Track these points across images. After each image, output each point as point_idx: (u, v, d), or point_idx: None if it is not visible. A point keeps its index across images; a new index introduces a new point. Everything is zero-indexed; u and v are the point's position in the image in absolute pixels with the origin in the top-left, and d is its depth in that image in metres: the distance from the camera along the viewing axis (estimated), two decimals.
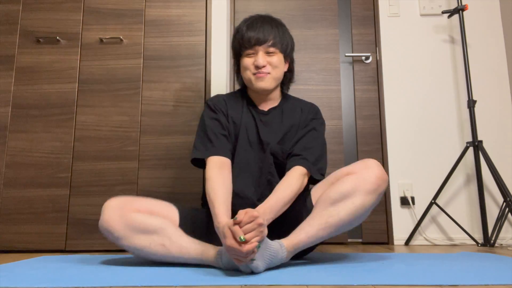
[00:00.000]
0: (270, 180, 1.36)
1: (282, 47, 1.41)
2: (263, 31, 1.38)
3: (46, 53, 2.03)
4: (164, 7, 2.09)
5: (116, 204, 1.23)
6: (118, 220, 1.20)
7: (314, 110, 1.48)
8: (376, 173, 1.21)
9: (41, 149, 1.94)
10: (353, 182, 1.20)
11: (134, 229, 1.19)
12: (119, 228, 1.19)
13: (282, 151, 1.39)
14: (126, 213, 1.21)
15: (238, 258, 1.03)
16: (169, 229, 1.21)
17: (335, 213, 1.19)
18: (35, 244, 1.85)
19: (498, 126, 2.14)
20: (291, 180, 1.28)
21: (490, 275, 1.04)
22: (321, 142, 1.42)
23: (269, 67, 1.39)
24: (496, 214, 1.97)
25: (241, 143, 1.40)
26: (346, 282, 0.94)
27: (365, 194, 1.19)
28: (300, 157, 1.34)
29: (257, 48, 1.38)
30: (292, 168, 1.32)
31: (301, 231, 1.19)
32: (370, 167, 1.22)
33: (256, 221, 1.03)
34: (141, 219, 1.21)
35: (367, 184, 1.19)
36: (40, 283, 0.95)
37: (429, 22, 2.24)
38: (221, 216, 1.14)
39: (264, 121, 1.43)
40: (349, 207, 1.19)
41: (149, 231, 1.20)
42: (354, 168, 1.25)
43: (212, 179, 1.26)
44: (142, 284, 0.93)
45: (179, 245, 1.19)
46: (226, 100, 1.46)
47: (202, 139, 1.38)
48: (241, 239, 1.00)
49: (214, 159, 1.32)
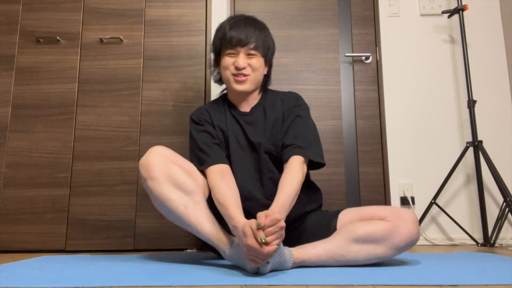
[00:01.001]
0: (272, 177, 1.37)
1: (264, 50, 1.40)
2: (246, 33, 1.37)
3: (46, 53, 2.03)
4: (164, 7, 2.09)
5: (162, 152, 1.27)
6: (161, 163, 1.23)
7: (294, 97, 1.47)
8: (410, 232, 1.18)
9: (41, 149, 1.94)
10: (384, 230, 1.17)
11: (169, 179, 1.22)
12: (159, 170, 1.22)
13: (274, 147, 1.39)
14: (169, 163, 1.25)
15: (255, 259, 1.03)
16: (198, 197, 1.24)
17: (354, 251, 1.18)
18: (35, 244, 1.85)
19: (498, 126, 2.14)
20: (292, 172, 1.28)
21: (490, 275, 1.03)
22: (309, 127, 1.41)
23: (249, 69, 1.38)
24: (496, 214, 1.97)
25: (233, 148, 1.39)
26: (346, 282, 0.94)
27: (390, 248, 1.18)
28: (293, 147, 1.34)
29: (239, 49, 1.37)
30: (289, 159, 1.31)
31: (314, 250, 1.19)
32: (406, 220, 1.19)
33: (278, 224, 1.02)
34: (180, 173, 1.24)
35: (397, 238, 1.17)
36: (40, 283, 0.95)
37: (429, 22, 2.24)
38: (238, 216, 1.14)
39: (248, 121, 1.43)
40: (370, 252, 1.18)
41: (181, 188, 1.23)
42: (389, 214, 1.20)
43: (217, 186, 1.26)
44: (142, 284, 0.93)
45: (199, 215, 1.22)
46: (209, 110, 1.46)
47: (197, 153, 1.38)
48: (262, 240, 1.00)
49: (213, 168, 1.32)
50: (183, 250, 1.88)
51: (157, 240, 1.88)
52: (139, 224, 1.89)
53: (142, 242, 1.88)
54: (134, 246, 1.88)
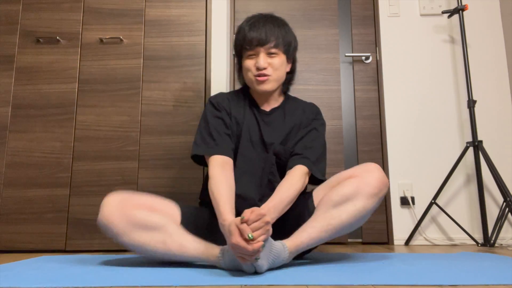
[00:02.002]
0: (271, 180, 1.37)
1: (285, 48, 1.40)
2: (266, 32, 1.36)
3: (46, 53, 2.03)
4: (164, 7, 2.09)
5: (116, 199, 1.21)
6: (118, 215, 1.18)
7: (315, 110, 1.48)
8: (377, 177, 1.22)
9: (41, 149, 1.94)
10: (354, 185, 1.21)
11: (135, 225, 1.17)
12: (119, 223, 1.17)
13: (284, 151, 1.39)
14: (126, 209, 1.19)
15: (244, 257, 1.03)
16: (170, 227, 1.20)
17: (337, 215, 1.19)
18: (35, 244, 1.85)
19: (498, 126, 2.14)
20: (293, 179, 1.28)
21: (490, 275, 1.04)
22: (321, 142, 1.42)
23: (270, 69, 1.37)
24: (496, 214, 1.97)
25: (243, 143, 1.39)
26: (346, 282, 0.94)
27: (367, 198, 1.20)
28: (301, 156, 1.34)
29: (258, 49, 1.36)
30: (294, 167, 1.32)
31: (303, 233, 1.19)
32: (371, 170, 1.24)
33: (264, 219, 1.03)
34: (142, 215, 1.19)
35: (368, 187, 1.20)
36: (40, 283, 0.95)
37: (429, 22, 2.24)
38: (227, 214, 1.14)
39: (266, 121, 1.43)
40: (350, 209, 1.19)
41: (149, 228, 1.18)
42: (355, 172, 1.25)
43: (215, 178, 1.26)
44: (142, 284, 0.93)
45: (179, 243, 1.18)
46: (230, 99, 1.46)
47: (205, 136, 1.37)
48: (250, 237, 1.00)
49: (217, 158, 1.31)
50: None
51: None
52: None
53: None
54: None
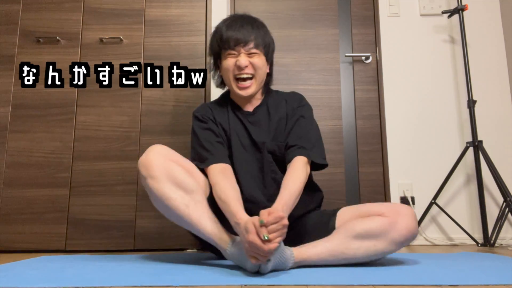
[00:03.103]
0: (275, 178, 1.36)
1: (264, 49, 1.39)
2: (244, 31, 1.35)
3: (46, 53, 2.03)
4: (164, 7, 2.09)
5: (162, 150, 1.25)
6: (161, 162, 1.21)
7: (298, 98, 1.47)
8: (408, 226, 1.17)
9: (41, 149, 1.94)
10: (383, 226, 1.17)
11: (170, 178, 1.20)
12: (158, 169, 1.20)
13: (278, 147, 1.38)
14: (169, 161, 1.23)
15: (257, 256, 1.03)
16: (199, 196, 1.23)
17: (354, 247, 1.17)
18: (35, 244, 1.85)
19: (498, 126, 2.14)
20: (296, 172, 1.27)
21: (490, 275, 1.03)
22: (313, 127, 1.41)
23: (251, 68, 1.36)
24: (496, 214, 1.97)
25: (235, 148, 1.39)
26: (346, 282, 0.94)
27: (390, 243, 1.17)
28: (297, 147, 1.34)
29: (239, 49, 1.35)
30: (293, 159, 1.31)
31: (313, 249, 1.18)
32: (404, 215, 1.19)
33: (282, 222, 1.03)
34: (180, 172, 1.22)
35: (395, 234, 1.16)
36: (40, 283, 0.95)
37: (429, 22, 2.24)
38: (241, 212, 1.14)
39: (251, 121, 1.42)
40: (370, 248, 1.17)
41: (181, 187, 1.21)
42: (387, 210, 1.20)
43: (218, 183, 1.25)
44: (142, 284, 0.93)
45: (200, 214, 1.20)
46: (212, 108, 1.45)
47: (198, 150, 1.37)
48: (265, 237, 1.00)
49: (214, 166, 1.31)
50: (183, 250, 1.88)
51: (157, 240, 1.88)
52: (139, 224, 1.89)
53: (142, 242, 1.88)
54: (134, 246, 1.88)
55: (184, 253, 1.74)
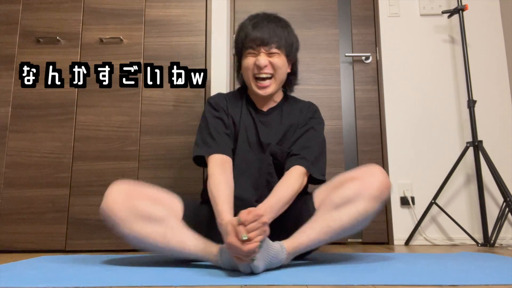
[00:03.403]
0: (269, 181, 1.36)
1: (287, 49, 1.39)
2: (269, 32, 1.35)
3: (46, 53, 2.03)
4: (164, 7, 2.09)
5: (121, 188, 1.21)
6: (121, 204, 1.16)
7: (313, 109, 1.47)
8: (380, 180, 1.20)
9: (41, 149, 1.94)
10: (356, 187, 1.19)
11: (137, 216, 1.16)
12: (122, 212, 1.15)
13: (281, 151, 1.38)
14: (130, 198, 1.18)
15: (239, 257, 1.03)
16: (171, 221, 1.19)
17: (338, 217, 1.18)
18: (35, 244, 1.85)
19: (498, 126, 2.14)
20: (290, 180, 1.28)
21: (490, 275, 1.03)
22: (320, 142, 1.41)
23: (271, 68, 1.37)
24: (496, 214, 1.97)
25: (241, 144, 1.39)
26: (346, 282, 0.94)
27: (368, 200, 1.18)
28: (299, 157, 1.33)
29: (260, 49, 1.36)
30: (291, 167, 1.31)
31: (303, 234, 1.18)
32: (374, 173, 1.22)
33: (261, 220, 1.02)
34: (145, 206, 1.18)
35: (370, 190, 1.18)
36: (40, 283, 0.95)
37: (429, 22, 2.24)
38: (225, 213, 1.14)
39: (263, 121, 1.43)
40: (351, 212, 1.17)
41: (151, 220, 1.17)
42: (357, 174, 1.23)
43: (214, 176, 1.25)
44: (142, 284, 0.93)
45: (180, 239, 1.17)
46: (227, 99, 1.46)
47: (205, 137, 1.37)
48: (244, 237, 0.99)
49: (216, 156, 1.31)
50: None
51: None
52: None
53: None
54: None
55: None
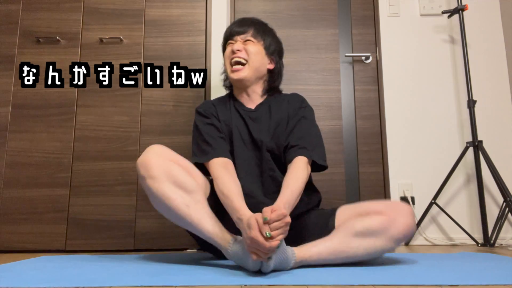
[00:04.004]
0: (273, 176, 1.37)
1: (264, 41, 1.46)
2: (244, 25, 1.46)
3: (46, 53, 2.03)
4: (164, 7, 2.09)
5: (161, 150, 1.25)
6: (159, 162, 1.21)
7: (299, 99, 1.50)
8: (407, 223, 1.19)
9: (41, 149, 1.94)
10: (382, 223, 1.18)
11: (170, 177, 1.19)
12: (158, 169, 1.19)
13: (277, 146, 1.39)
14: (168, 161, 1.22)
15: (258, 253, 1.03)
16: (199, 195, 1.22)
17: (355, 246, 1.18)
18: (35, 244, 1.85)
19: (498, 126, 2.14)
20: (297, 171, 1.28)
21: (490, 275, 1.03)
22: (314, 129, 1.43)
23: (245, 53, 1.42)
24: (496, 214, 1.97)
25: (237, 144, 1.40)
26: (346, 282, 0.94)
27: (389, 240, 1.18)
28: (298, 147, 1.34)
29: (236, 38, 1.45)
30: (294, 159, 1.32)
31: (314, 248, 1.18)
32: (403, 214, 1.20)
33: (284, 220, 1.03)
34: (179, 172, 1.22)
35: (395, 231, 1.18)
36: (40, 283, 0.95)
37: (429, 22, 2.24)
38: (244, 208, 1.14)
39: (253, 118, 1.44)
40: (370, 246, 1.18)
41: (181, 187, 1.20)
42: (386, 208, 1.22)
43: (221, 177, 1.26)
44: (142, 284, 0.93)
45: (201, 214, 1.19)
46: (215, 104, 1.48)
47: (200, 145, 1.38)
48: (267, 234, 1.00)
49: (216, 160, 1.32)
50: (183, 250, 1.88)
51: (157, 240, 1.88)
52: (139, 224, 1.89)
53: (142, 242, 1.88)
54: (134, 246, 1.88)
55: (184, 253, 1.74)
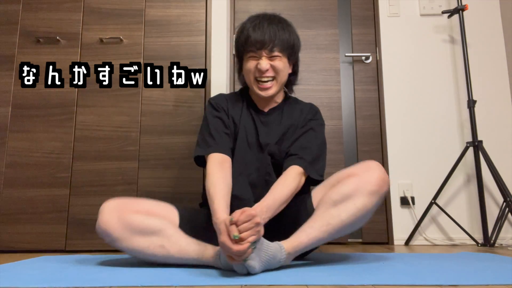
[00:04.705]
0: (268, 180, 1.36)
1: (288, 51, 1.39)
2: (270, 34, 1.34)
3: (46, 53, 2.03)
4: (164, 7, 2.08)
5: (114, 206, 1.22)
6: (116, 221, 1.18)
7: (313, 110, 1.47)
8: (377, 175, 1.19)
9: (41, 149, 1.94)
10: (354, 183, 1.18)
11: (133, 230, 1.18)
12: (117, 229, 1.18)
13: (279, 151, 1.38)
14: (124, 214, 1.19)
15: (232, 256, 1.03)
16: (168, 230, 1.20)
17: (336, 214, 1.17)
18: (35, 244, 1.85)
19: (498, 126, 2.14)
20: (287, 179, 1.27)
21: (490, 275, 1.04)
22: (319, 143, 1.41)
23: (272, 72, 1.37)
24: (496, 214, 1.97)
25: (240, 144, 1.39)
26: (346, 282, 0.94)
27: (367, 196, 1.17)
28: (297, 157, 1.33)
29: (261, 52, 1.35)
30: (289, 167, 1.31)
31: (302, 233, 1.17)
32: (371, 168, 1.21)
33: (254, 220, 1.02)
34: (140, 220, 1.19)
35: (368, 185, 1.17)
36: (40, 283, 0.95)
37: (429, 22, 2.24)
38: (220, 212, 1.14)
39: (263, 121, 1.43)
40: (350, 208, 1.17)
41: (148, 232, 1.18)
42: (355, 170, 1.23)
43: (212, 174, 1.26)
44: (142, 284, 0.93)
45: (178, 246, 1.18)
46: (228, 100, 1.46)
47: (205, 136, 1.38)
48: (234, 237, 0.99)
49: (215, 155, 1.32)
50: None
51: None
52: None
53: None
54: None
55: None
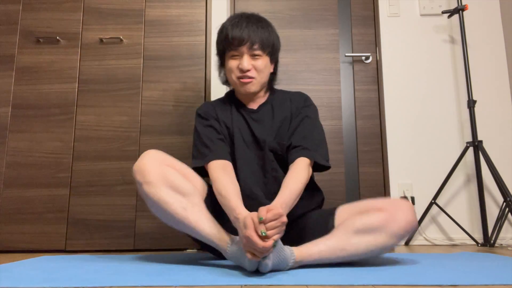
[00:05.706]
0: (275, 176, 1.36)
1: (268, 49, 1.39)
2: (249, 32, 1.34)
3: (46, 53, 2.03)
4: (164, 7, 2.09)
5: (156, 155, 1.26)
6: (155, 167, 1.21)
7: (303, 97, 1.47)
8: (407, 219, 1.18)
9: (41, 149, 1.94)
10: (382, 219, 1.16)
11: (167, 182, 1.20)
12: (154, 174, 1.20)
13: (280, 146, 1.38)
14: (164, 165, 1.23)
15: (253, 252, 1.03)
16: (196, 198, 1.23)
17: (355, 243, 1.16)
18: (35, 244, 1.85)
19: (498, 126, 2.14)
20: (298, 173, 1.27)
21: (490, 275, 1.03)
22: (317, 128, 1.41)
23: (254, 71, 1.37)
24: (496, 214, 1.97)
25: (238, 145, 1.39)
26: (346, 282, 0.94)
27: (390, 236, 1.16)
28: (301, 148, 1.34)
29: (242, 50, 1.35)
30: (296, 160, 1.31)
31: (315, 247, 1.17)
32: (403, 209, 1.19)
33: (281, 219, 1.03)
34: (176, 177, 1.22)
35: (395, 227, 1.16)
36: (40, 283, 0.95)
37: (429, 22, 2.24)
38: (240, 207, 1.14)
39: (255, 118, 1.43)
40: (371, 243, 1.16)
41: (178, 190, 1.21)
42: (385, 205, 1.20)
43: (219, 179, 1.26)
44: (142, 284, 0.93)
45: (198, 217, 1.20)
46: (215, 106, 1.46)
47: (200, 147, 1.38)
48: (263, 233, 1.00)
49: (215, 162, 1.32)
50: (183, 250, 1.88)
51: (157, 240, 1.88)
52: (139, 224, 1.89)
53: (142, 242, 1.88)
54: (134, 246, 1.88)
55: (184, 253, 1.74)
